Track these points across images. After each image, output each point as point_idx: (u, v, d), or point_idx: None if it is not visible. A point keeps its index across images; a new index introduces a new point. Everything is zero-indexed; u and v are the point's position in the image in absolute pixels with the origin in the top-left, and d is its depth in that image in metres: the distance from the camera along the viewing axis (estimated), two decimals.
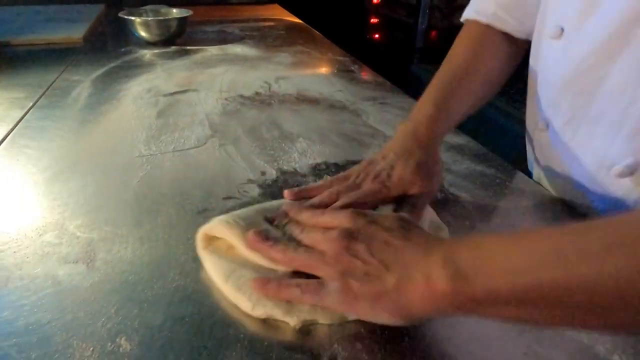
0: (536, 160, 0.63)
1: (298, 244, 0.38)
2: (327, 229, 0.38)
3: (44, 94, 0.85)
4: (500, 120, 1.61)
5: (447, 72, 0.57)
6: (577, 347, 0.35)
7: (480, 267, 0.30)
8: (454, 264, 0.30)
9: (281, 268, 0.39)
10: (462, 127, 0.73)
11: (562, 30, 0.50)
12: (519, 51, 0.62)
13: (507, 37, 0.60)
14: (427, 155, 0.49)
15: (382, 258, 0.34)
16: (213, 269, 0.40)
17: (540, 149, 0.60)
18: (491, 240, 0.32)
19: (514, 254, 0.29)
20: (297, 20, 1.60)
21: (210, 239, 0.43)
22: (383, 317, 0.34)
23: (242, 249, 0.40)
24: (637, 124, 0.44)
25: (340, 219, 0.38)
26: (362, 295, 0.33)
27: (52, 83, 0.90)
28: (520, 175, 0.60)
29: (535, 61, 0.57)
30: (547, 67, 0.54)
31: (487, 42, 0.60)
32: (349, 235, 0.35)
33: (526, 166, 0.69)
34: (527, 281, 0.28)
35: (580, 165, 0.51)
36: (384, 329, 0.36)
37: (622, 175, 0.46)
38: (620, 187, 0.47)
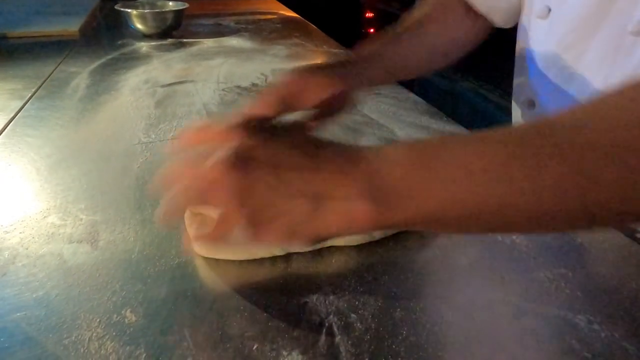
0: None
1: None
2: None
3: (42, 85, 0.85)
4: (493, 111, 1.63)
5: (396, 27, 0.57)
6: (560, 319, 0.37)
7: (406, 189, 0.27)
8: (376, 190, 0.28)
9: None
10: (457, 119, 0.75)
11: (549, 9, 0.52)
12: (478, 33, 0.63)
13: (470, 13, 0.61)
14: (342, 80, 0.44)
15: (288, 181, 0.29)
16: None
17: None
18: (425, 150, 0.29)
19: (450, 173, 0.27)
20: (292, 13, 1.61)
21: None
22: (296, 244, 0.32)
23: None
24: None
25: (229, 147, 0.30)
26: (271, 232, 0.29)
27: (50, 74, 0.91)
28: None
29: (523, 41, 0.60)
30: (534, 46, 0.57)
31: (446, 8, 0.60)
32: (237, 164, 0.29)
33: None
34: (450, 204, 0.27)
35: None
36: (378, 300, 0.38)
37: None
38: None
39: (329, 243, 0.43)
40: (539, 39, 0.55)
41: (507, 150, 0.27)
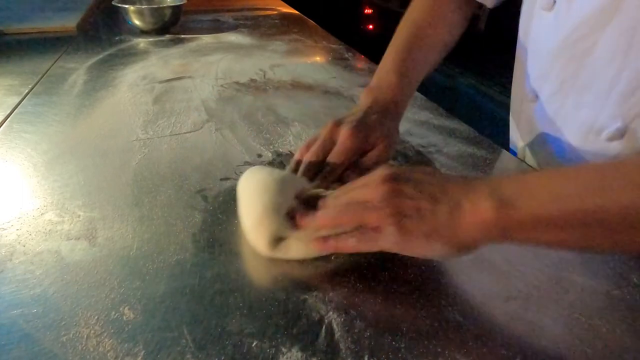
0: (521, 135, 0.65)
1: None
2: (364, 184, 0.38)
3: (39, 81, 0.85)
4: (492, 107, 1.63)
5: (404, 39, 0.59)
6: (561, 314, 0.37)
7: (524, 194, 0.33)
8: (499, 193, 0.33)
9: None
10: (456, 115, 0.75)
11: (554, 1, 0.51)
12: (467, 18, 0.64)
13: (458, 3, 0.62)
14: (391, 122, 0.52)
15: (430, 192, 0.35)
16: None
17: (527, 122, 0.62)
18: (533, 173, 0.36)
19: (558, 182, 0.33)
20: (291, 9, 1.60)
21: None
22: (437, 250, 0.35)
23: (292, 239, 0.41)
24: (626, 89, 0.46)
25: (376, 173, 0.38)
26: (417, 231, 0.35)
27: (47, 71, 0.90)
28: (505, 154, 0.63)
29: (526, 33, 0.59)
30: (537, 39, 0.56)
31: (440, 6, 0.62)
32: (393, 178, 0.37)
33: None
34: (571, 205, 0.31)
35: (569, 133, 0.53)
36: (377, 296, 0.38)
37: (612, 138, 0.49)
38: (610, 151, 0.50)
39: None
40: (543, 31, 0.54)
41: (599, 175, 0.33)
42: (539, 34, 0.55)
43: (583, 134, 0.52)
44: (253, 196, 0.43)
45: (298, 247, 0.41)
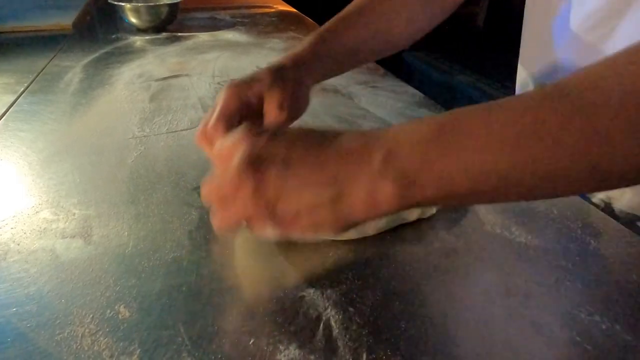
0: None
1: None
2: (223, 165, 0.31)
3: (35, 79, 0.84)
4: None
5: (343, 12, 0.54)
6: (560, 311, 0.37)
7: (427, 167, 0.27)
8: (396, 170, 0.28)
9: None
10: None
11: None
12: (443, 10, 0.58)
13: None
14: (292, 75, 0.45)
15: (303, 180, 0.29)
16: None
17: None
18: (425, 131, 0.28)
19: (464, 142, 0.27)
20: (289, 7, 1.60)
21: None
22: (320, 235, 0.32)
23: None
24: None
25: (233, 148, 0.31)
26: (294, 227, 0.30)
27: (43, 69, 0.90)
28: None
29: (533, 25, 0.58)
30: (547, 27, 0.55)
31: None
32: (250, 167, 0.29)
33: None
34: (484, 172, 0.27)
35: None
36: (375, 293, 0.37)
37: None
38: None
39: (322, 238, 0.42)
40: (555, 19, 0.53)
41: (529, 115, 0.26)
42: (551, 23, 0.54)
43: None
44: None
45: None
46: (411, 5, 0.56)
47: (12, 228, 0.44)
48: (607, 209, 0.54)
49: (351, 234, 0.43)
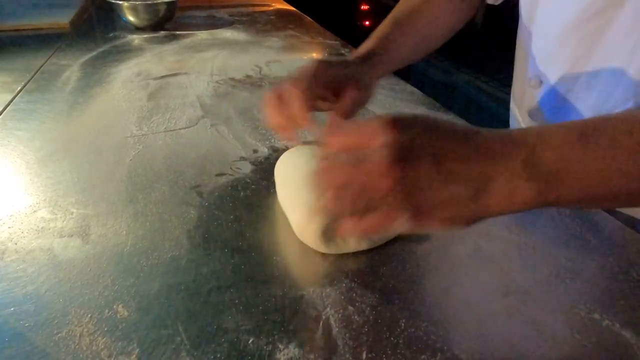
0: (524, 125, 0.65)
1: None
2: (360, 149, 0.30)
3: (32, 78, 0.84)
4: (488, 102, 1.63)
5: (393, 15, 0.60)
6: (560, 309, 0.37)
7: (563, 174, 0.29)
8: (537, 171, 0.29)
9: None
10: (453, 110, 0.75)
11: None
12: (470, 8, 0.64)
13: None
14: (357, 68, 0.51)
15: (450, 170, 0.29)
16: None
17: (530, 110, 0.61)
18: (567, 136, 0.30)
19: (598, 152, 0.29)
20: (287, 6, 1.59)
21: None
22: (455, 228, 0.31)
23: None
24: None
25: (377, 132, 0.30)
26: (435, 219, 0.30)
27: (41, 67, 0.89)
28: None
29: (530, 17, 0.58)
30: (544, 20, 0.55)
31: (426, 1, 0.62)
32: (403, 156, 0.29)
33: None
34: (618, 182, 0.29)
35: (578, 116, 0.53)
36: (375, 292, 0.37)
37: None
38: None
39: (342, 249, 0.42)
40: (553, 11, 0.53)
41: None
42: (548, 14, 0.54)
43: (593, 116, 0.51)
44: (299, 188, 0.43)
45: (351, 239, 0.41)
46: (447, 8, 0.62)
47: (9, 227, 0.44)
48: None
49: (341, 248, 0.42)
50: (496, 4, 0.63)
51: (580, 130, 0.30)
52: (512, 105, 0.68)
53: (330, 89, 0.47)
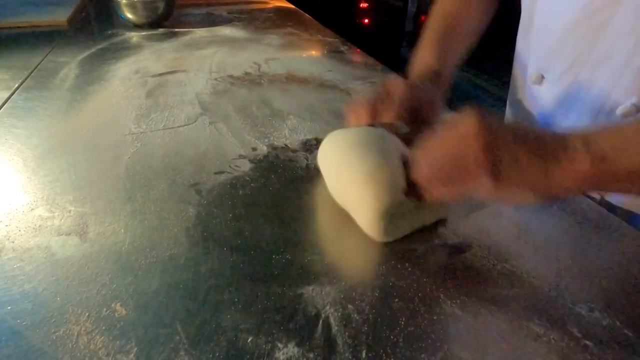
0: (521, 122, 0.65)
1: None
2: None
3: (29, 75, 0.83)
4: (487, 99, 1.63)
5: (438, 26, 0.61)
6: (561, 307, 0.37)
7: (620, 147, 0.33)
8: (595, 146, 0.33)
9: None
10: (451, 107, 0.74)
11: None
12: (494, 10, 0.65)
13: None
14: (433, 88, 0.54)
15: (526, 141, 0.35)
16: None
17: (530, 107, 0.61)
18: (628, 125, 0.35)
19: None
20: (285, 3, 1.59)
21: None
22: (529, 198, 0.36)
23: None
24: None
25: (466, 118, 0.37)
26: (512, 182, 0.35)
27: (38, 65, 0.89)
28: None
29: (531, 12, 0.58)
30: (546, 15, 0.55)
31: None
32: (487, 127, 0.35)
33: None
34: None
35: (579, 113, 0.53)
36: (375, 290, 0.37)
37: (627, 115, 0.48)
38: None
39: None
40: (554, 7, 0.53)
41: None
42: (549, 10, 0.54)
43: (594, 113, 0.51)
44: (357, 177, 0.43)
45: (412, 219, 0.43)
46: (481, 12, 0.64)
47: (6, 225, 0.44)
48: (603, 202, 0.54)
49: (398, 235, 0.43)
50: None
51: (628, 124, 0.35)
52: (507, 108, 0.68)
53: (410, 112, 0.50)
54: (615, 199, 0.54)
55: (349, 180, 0.44)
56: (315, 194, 0.50)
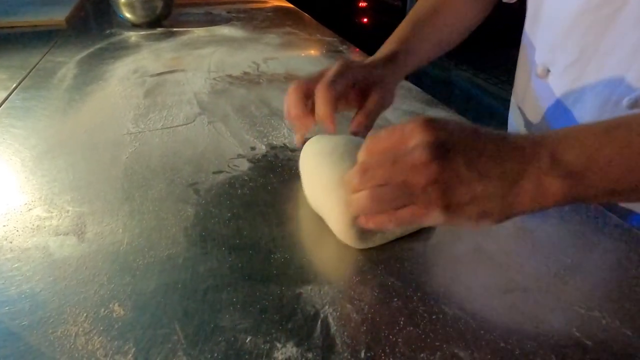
0: (527, 117, 0.64)
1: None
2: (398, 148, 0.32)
3: (27, 75, 0.83)
4: (486, 98, 1.63)
5: (414, 15, 0.61)
6: (559, 307, 0.36)
7: (591, 163, 0.30)
8: (562, 167, 0.30)
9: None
10: (450, 106, 0.74)
11: None
12: (486, 7, 0.64)
13: None
14: (383, 71, 0.52)
15: (483, 169, 0.31)
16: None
17: (535, 101, 0.61)
18: (587, 132, 0.32)
19: (620, 144, 0.30)
20: (284, 2, 1.59)
21: None
22: (486, 225, 0.33)
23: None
24: None
25: (413, 133, 0.32)
26: (467, 214, 0.32)
27: (36, 64, 0.89)
28: None
29: (538, 4, 0.57)
30: (552, 8, 0.54)
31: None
32: (440, 153, 0.30)
33: None
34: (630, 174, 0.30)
35: (585, 106, 0.52)
36: (374, 290, 0.37)
37: (634, 106, 0.48)
38: None
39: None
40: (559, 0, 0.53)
41: None
42: (557, 1, 0.53)
43: (601, 105, 0.50)
44: (330, 184, 0.42)
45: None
46: (465, 7, 0.63)
47: (4, 226, 0.43)
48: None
49: (375, 242, 0.42)
50: (511, 1, 0.62)
51: (603, 128, 0.32)
52: (512, 103, 0.68)
53: (355, 90, 0.48)
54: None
55: (322, 187, 0.43)
56: None
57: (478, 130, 0.33)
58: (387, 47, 0.56)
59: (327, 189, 0.42)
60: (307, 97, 0.47)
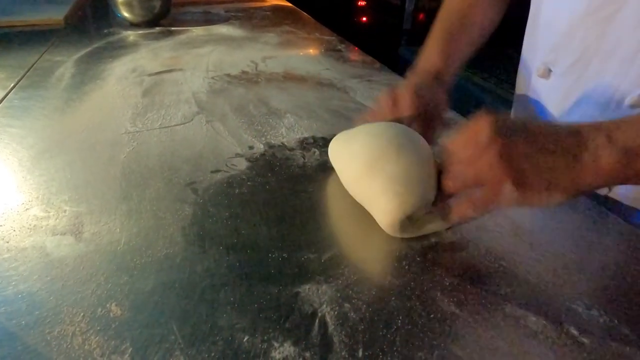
0: (529, 117, 0.64)
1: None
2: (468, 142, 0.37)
3: (25, 74, 0.83)
4: (486, 98, 1.63)
5: (446, 24, 0.61)
6: (558, 305, 0.36)
7: None
8: (619, 145, 0.33)
9: None
10: (451, 105, 0.74)
11: None
12: (502, 10, 0.64)
13: None
14: (438, 88, 0.54)
15: (543, 144, 0.34)
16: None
17: (539, 99, 0.61)
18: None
19: None
20: (283, 1, 1.58)
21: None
22: (556, 199, 0.35)
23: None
24: None
25: (478, 125, 0.37)
26: (535, 187, 0.35)
27: (34, 64, 0.88)
28: None
29: (539, 4, 0.58)
30: (553, 8, 0.55)
31: None
32: (501, 133, 0.35)
33: None
34: None
35: (587, 106, 0.52)
36: (372, 289, 0.37)
37: (636, 105, 0.48)
38: None
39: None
40: (561, 1, 0.53)
41: None
42: (558, 1, 0.54)
43: (603, 104, 0.51)
44: (375, 170, 0.43)
45: (433, 221, 0.42)
46: (489, 13, 0.64)
47: (1, 225, 0.43)
48: (609, 198, 0.54)
49: (414, 232, 0.43)
50: None
51: None
52: (515, 100, 0.68)
53: (417, 117, 0.50)
54: (620, 192, 0.54)
55: (378, 175, 0.42)
56: (312, 192, 0.50)
57: (533, 119, 0.38)
58: (430, 63, 0.57)
59: (385, 179, 0.42)
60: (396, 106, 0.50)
